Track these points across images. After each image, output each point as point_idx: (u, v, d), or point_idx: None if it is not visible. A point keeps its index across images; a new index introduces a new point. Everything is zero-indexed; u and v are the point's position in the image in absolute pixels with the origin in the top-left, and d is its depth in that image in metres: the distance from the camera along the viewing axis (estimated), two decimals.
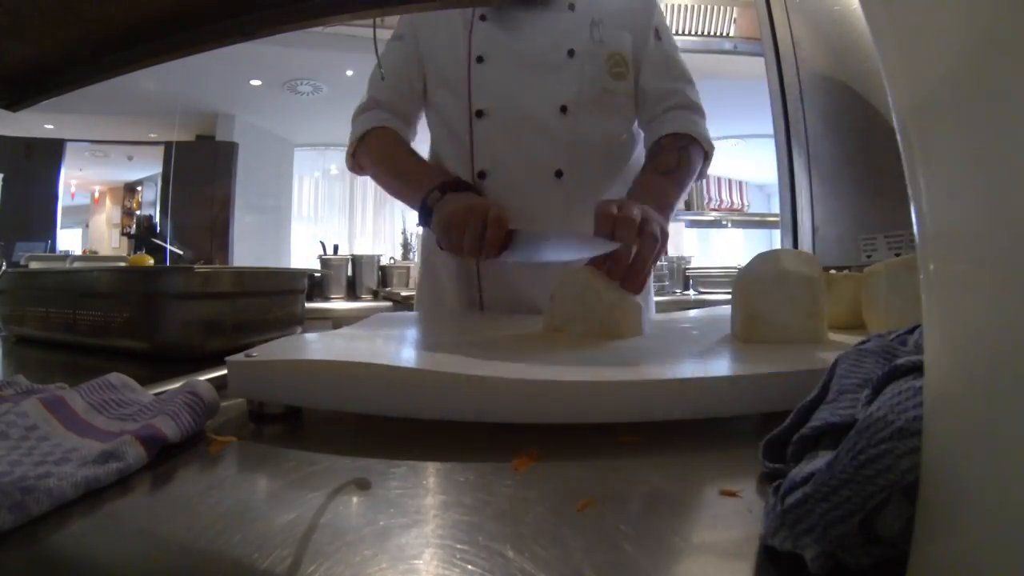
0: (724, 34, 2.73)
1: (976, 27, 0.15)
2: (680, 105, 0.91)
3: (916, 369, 0.20)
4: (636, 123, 0.96)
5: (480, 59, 0.89)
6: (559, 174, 0.86)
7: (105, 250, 5.89)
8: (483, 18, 0.90)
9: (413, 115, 0.99)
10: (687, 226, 3.71)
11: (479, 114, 0.88)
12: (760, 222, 3.61)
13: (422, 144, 1.00)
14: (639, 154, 0.96)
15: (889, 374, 0.21)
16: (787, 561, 0.20)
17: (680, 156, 0.86)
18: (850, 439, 0.19)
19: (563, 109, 0.87)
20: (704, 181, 1.06)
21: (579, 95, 0.87)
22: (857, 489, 0.18)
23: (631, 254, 0.62)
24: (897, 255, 1.11)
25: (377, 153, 0.95)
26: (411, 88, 0.97)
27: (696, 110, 0.92)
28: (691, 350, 0.51)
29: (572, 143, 0.87)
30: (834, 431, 0.24)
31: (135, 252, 3.77)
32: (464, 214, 0.71)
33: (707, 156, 0.92)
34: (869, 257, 1.21)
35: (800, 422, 0.27)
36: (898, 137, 0.17)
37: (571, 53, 0.88)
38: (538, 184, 0.87)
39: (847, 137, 1.32)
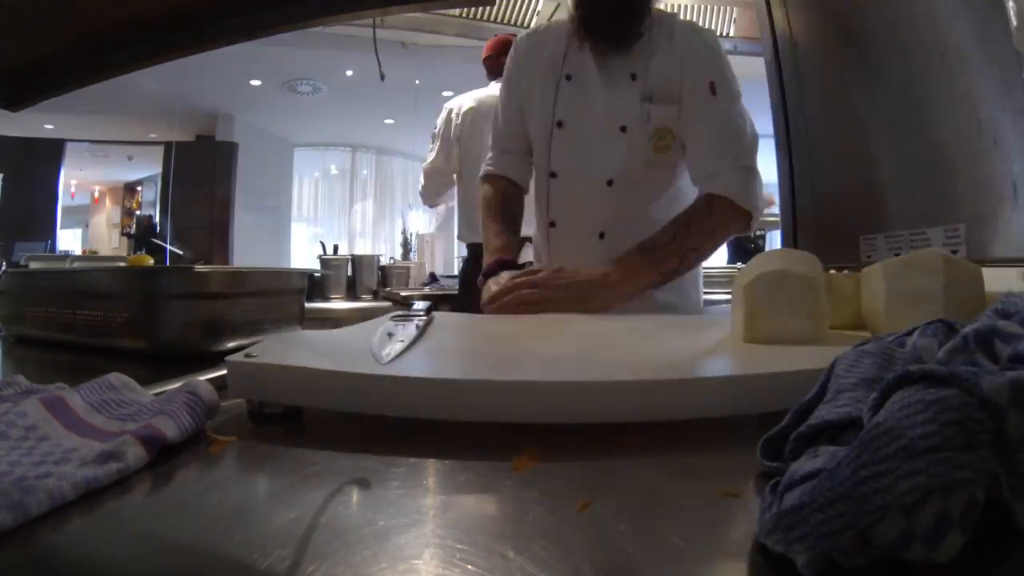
0: (724, 34, 2.72)
1: None
2: (726, 169, 0.91)
3: (927, 378, 0.20)
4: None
5: (560, 124, 0.99)
6: (601, 235, 0.98)
7: (105, 250, 5.90)
8: (568, 78, 0.99)
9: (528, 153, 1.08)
10: None
11: (552, 175, 1.01)
12: (760, 222, 3.61)
13: None
14: (686, 195, 0.99)
15: (900, 379, 0.21)
16: (787, 561, 0.20)
17: (676, 232, 0.90)
18: (855, 448, 0.19)
19: (609, 183, 0.96)
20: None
21: (625, 170, 0.95)
22: (852, 505, 0.18)
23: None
24: (897, 255, 1.10)
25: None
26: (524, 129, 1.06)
27: (741, 171, 0.91)
28: (691, 350, 0.51)
29: (614, 211, 0.97)
30: (831, 428, 0.24)
31: (135, 252, 3.78)
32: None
33: (748, 216, 0.93)
34: (869, 257, 1.21)
35: (798, 421, 0.27)
36: None
37: (623, 129, 0.94)
38: (585, 243, 0.99)
39: (847, 136, 1.32)
